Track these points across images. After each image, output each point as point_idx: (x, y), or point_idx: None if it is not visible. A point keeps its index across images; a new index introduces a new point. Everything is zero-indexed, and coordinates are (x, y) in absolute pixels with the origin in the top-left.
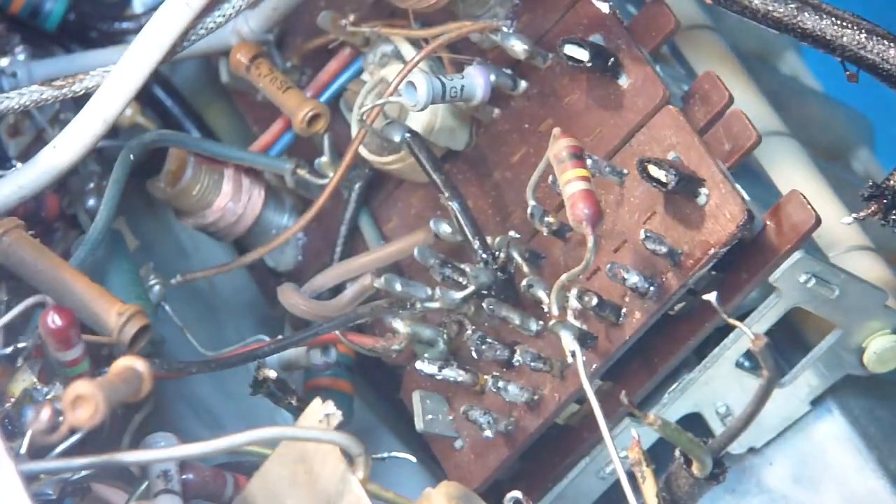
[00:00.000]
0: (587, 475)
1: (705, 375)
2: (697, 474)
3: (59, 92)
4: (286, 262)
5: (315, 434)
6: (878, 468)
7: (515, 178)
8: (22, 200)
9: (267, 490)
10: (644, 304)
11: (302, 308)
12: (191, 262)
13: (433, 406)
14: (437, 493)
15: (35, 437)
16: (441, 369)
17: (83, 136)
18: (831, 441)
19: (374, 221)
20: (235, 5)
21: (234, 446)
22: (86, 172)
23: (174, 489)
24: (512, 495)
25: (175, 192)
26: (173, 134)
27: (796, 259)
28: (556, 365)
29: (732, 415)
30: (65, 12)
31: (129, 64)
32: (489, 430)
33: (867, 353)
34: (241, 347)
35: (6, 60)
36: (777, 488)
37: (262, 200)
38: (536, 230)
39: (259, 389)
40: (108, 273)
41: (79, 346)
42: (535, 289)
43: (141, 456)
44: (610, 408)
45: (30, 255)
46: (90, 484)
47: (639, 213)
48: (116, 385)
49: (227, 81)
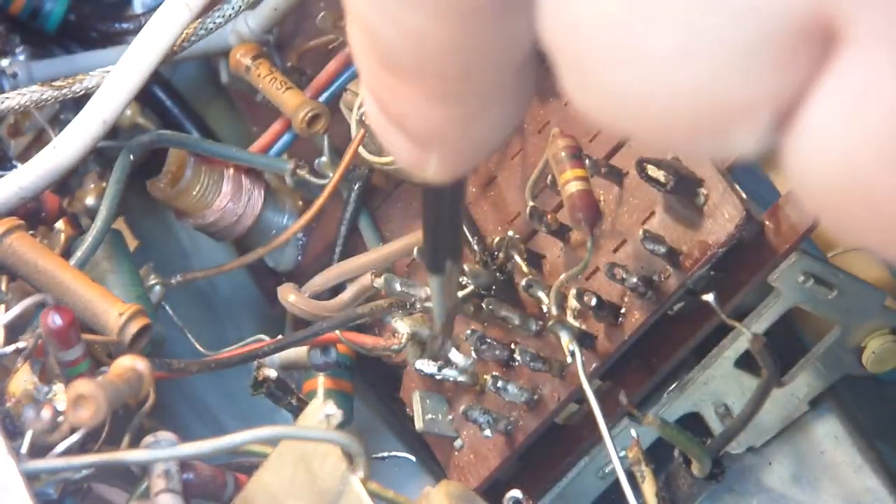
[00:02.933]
0: (587, 475)
1: (704, 375)
2: (697, 474)
3: (59, 92)
4: (286, 262)
5: (315, 434)
6: (877, 468)
7: (515, 178)
8: (22, 200)
9: (267, 490)
10: (643, 304)
11: (302, 308)
12: (191, 262)
13: (433, 406)
14: (436, 493)
15: (36, 437)
16: (441, 369)
17: (83, 136)
18: (830, 441)
19: (373, 222)
20: (235, 6)
21: (234, 446)
22: (86, 172)
23: (174, 489)
24: (512, 495)
25: (175, 192)
26: (173, 134)
27: (795, 259)
28: (556, 365)
29: (731, 415)
30: (65, 13)
31: (129, 64)
32: (489, 430)
33: (866, 352)
34: (241, 347)
35: (6, 61)
36: (776, 488)
37: (262, 200)
38: (535, 230)
39: (259, 389)
40: (108, 273)
41: (79, 345)
42: (535, 289)
43: (141, 455)
44: (609, 407)
45: (30, 255)
46: (91, 483)
47: (638, 214)
48: (117, 385)
49: (227, 81)
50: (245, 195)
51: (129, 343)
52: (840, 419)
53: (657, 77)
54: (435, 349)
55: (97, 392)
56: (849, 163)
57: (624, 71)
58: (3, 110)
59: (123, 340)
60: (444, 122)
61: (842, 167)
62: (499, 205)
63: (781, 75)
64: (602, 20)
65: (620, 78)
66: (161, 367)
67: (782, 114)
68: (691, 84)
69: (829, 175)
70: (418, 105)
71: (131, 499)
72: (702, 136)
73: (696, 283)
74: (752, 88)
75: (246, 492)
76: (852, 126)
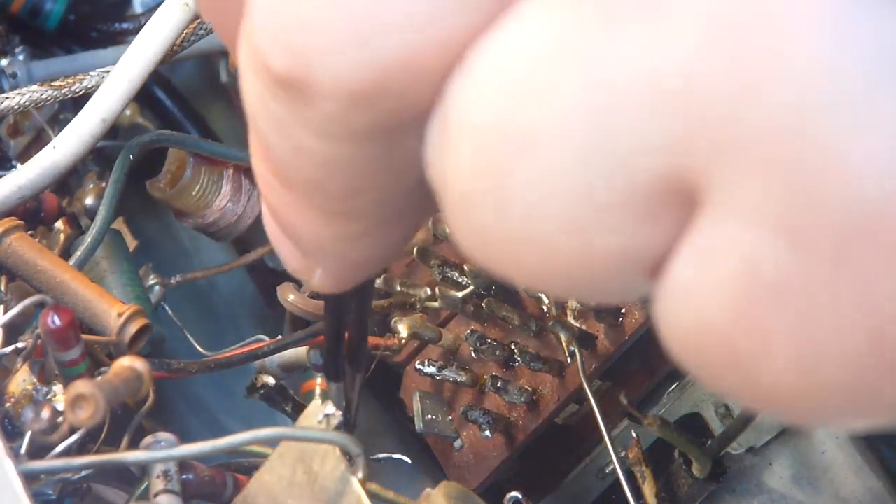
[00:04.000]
0: (587, 475)
1: None
2: (697, 474)
3: (59, 92)
4: None
5: (315, 434)
6: (877, 468)
7: None
8: (22, 200)
9: (267, 490)
10: (643, 304)
11: (302, 308)
12: (191, 262)
13: (433, 406)
14: (436, 494)
15: (35, 437)
16: (441, 369)
17: (83, 136)
18: (830, 441)
19: None
20: None
21: (233, 446)
22: (85, 172)
23: (174, 489)
24: (512, 495)
25: (175, 192)
26: (173, 134)
27: None
28: (556, 365)
29: (732, 415)
30: (65, 12)
31: (129, 64)
32: (489, 430)
33: None
34: (241, 347)
35: (6, 60)
36: (777, 488)
37: None
38: None
39: (253, 393)
40: (107, 273)
41: (78, 346)
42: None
43: (141, 456)
44: (609, 407)
45: (29, 255)
46: (90, 484)
47: None
48: (116, 385)
49: (227, 81)
50: (245, 195)
51: (129, 343)
52: None
53: (531, 224)
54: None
55: (96, 392)
56: (701, 313)
57: (496, 213)
58: (3, 110)
59: (123, 341)
60: (330, 238)
61: (694, 317)
62: None
63: (648, 230)
64: (479, 160)
65: (491, 220)
66: (161, 367)
67: (654, 266)
68: (562, 234)
69: (683, 324)
70: (305, 218)
71: (130, 499)
72: (576, 285)
73: None
74: (620, 240)
75: (246, 492)
76: (706, 280)
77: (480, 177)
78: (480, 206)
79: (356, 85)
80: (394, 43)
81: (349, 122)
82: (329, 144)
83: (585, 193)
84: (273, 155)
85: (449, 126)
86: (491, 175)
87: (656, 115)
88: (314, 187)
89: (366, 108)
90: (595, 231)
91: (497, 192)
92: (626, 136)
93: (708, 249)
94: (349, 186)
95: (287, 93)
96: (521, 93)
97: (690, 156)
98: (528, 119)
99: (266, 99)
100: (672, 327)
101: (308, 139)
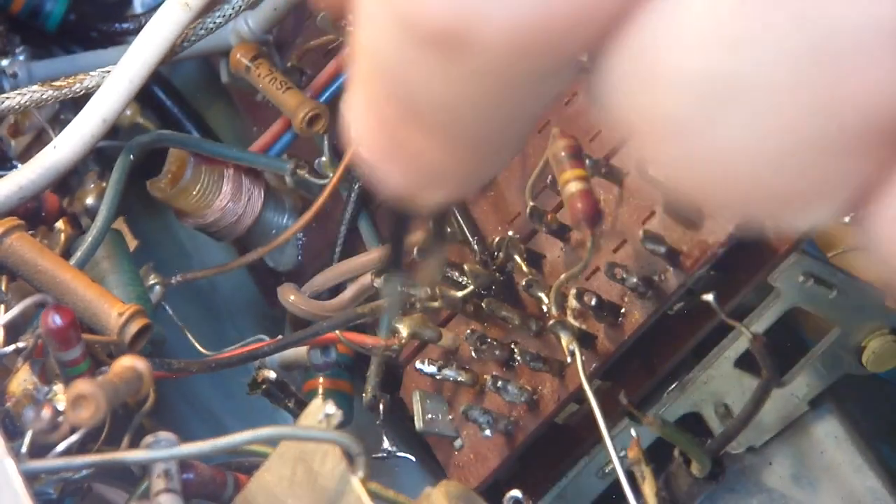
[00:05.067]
0: (587, 475)
1: (704, 375)
2: (696, 474)
3: (59, 92)
4: (286, 262)
5: (315, 434)
6: (877, 468)
7: (515, 178)
8: (22, 200)
9: (267, 490)
10: (643, 303)
11: (302, 308)
12: (191, 262)
13: (433, 406)
14: (437, 493)
15: (36, 437)
16: (441, 369)
17: (83, 136)
18: (830, 440)
19: (372, 222)
20: (235, 5)
21: (234, 446)
22: (86, 172)
23: (174, 489)
24: (512, 495)
25: (175, 192)
26: (173, 134)
27: (795, 259)
28: (556, 365)
29: (731, 415)
30: (65, 13)
31: (129, 64)
32: (489, 430)
33: (866, 352)
34: (241, 347)
35: (6, 61)
36: (776, 488)
37: (262, 200)
38: (535, 230)
39: (256, 389)
40: (107, 273)
41: (79, 345)
42: (535, 289)
43: (141, 455)
44: (609, 407)
45: (30, 255)
46: (91, 483)
47: (638, 214)
48: (117, 385)
49: (227, 81)
50: (245, 195)
51: (129, 343)
52: (840, 419)
53: (743, 158)
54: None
55: (97, 392)
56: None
57: (708, 148)
58: (3, 110)
59: (123, 340)
60: (454, 165)
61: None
62: (499, 205)
63: (865, 165)
64: (690, 104)
65: (703, 152)
66: (161, 367)
67: (863, 195)
68: (776, 166)
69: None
70: (430, 149)
71: (131, 499)
72: (777, 210)
73: (696, 283)
74: (832, 175)
75: (246, 492)
76: None
77: (694, 118)
78: (693, 140)
79: (522, 36)
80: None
81: (508, 71)
82: (479, 90)
83: (809, 134)
84: (404, 96)
85: (646, 69)
86: (706, 117)
87: (888, 56)
88: (452, 125)
89: (530, 58)
90: (812, 165)
91: (712, 130)
92: (856, 78)
93: None
94: (489, 122)
95: (442, 47)
96: (733, 38)
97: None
98: (743, 67)
99: (407, 51)
100: (888, 259)
101: (457, 86)
